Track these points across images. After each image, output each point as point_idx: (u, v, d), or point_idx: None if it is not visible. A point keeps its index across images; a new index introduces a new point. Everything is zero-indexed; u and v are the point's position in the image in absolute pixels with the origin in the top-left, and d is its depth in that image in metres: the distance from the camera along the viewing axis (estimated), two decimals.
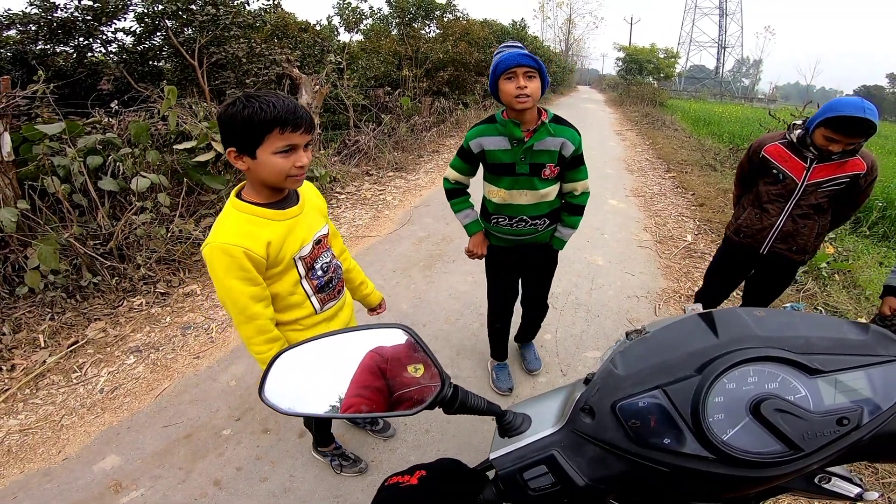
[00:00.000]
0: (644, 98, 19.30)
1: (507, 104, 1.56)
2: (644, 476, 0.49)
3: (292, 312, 1.26)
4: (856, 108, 1.70)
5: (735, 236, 2.23)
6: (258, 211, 1.13)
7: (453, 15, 12.34)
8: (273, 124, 1.01)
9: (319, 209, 1.32)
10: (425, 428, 2.05)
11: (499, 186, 1.74)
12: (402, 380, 0.57)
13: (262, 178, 1.10)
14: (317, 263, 1.27)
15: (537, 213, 1.77)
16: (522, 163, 1.66)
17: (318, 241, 1.27)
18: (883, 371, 0.48)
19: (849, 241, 4.85)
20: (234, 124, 1.02)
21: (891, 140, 16.48)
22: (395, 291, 3.19)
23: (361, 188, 5.43)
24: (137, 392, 2.26)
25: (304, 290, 1.25)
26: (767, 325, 0.52)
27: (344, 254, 1.53)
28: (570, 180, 1.76)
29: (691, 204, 5.53)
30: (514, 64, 1.48)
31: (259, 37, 6.55)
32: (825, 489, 0.55)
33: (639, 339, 0.55)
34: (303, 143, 1.08)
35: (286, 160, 1.06)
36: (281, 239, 1.15)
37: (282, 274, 1.20)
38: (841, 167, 1.89)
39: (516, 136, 1.60)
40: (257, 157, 1.05)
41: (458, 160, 1.82)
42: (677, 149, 9.09)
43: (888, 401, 0.47)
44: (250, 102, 1.01)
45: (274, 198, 1.16)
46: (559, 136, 1.63)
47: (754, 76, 66.40)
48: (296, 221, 1.19)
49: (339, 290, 1.38)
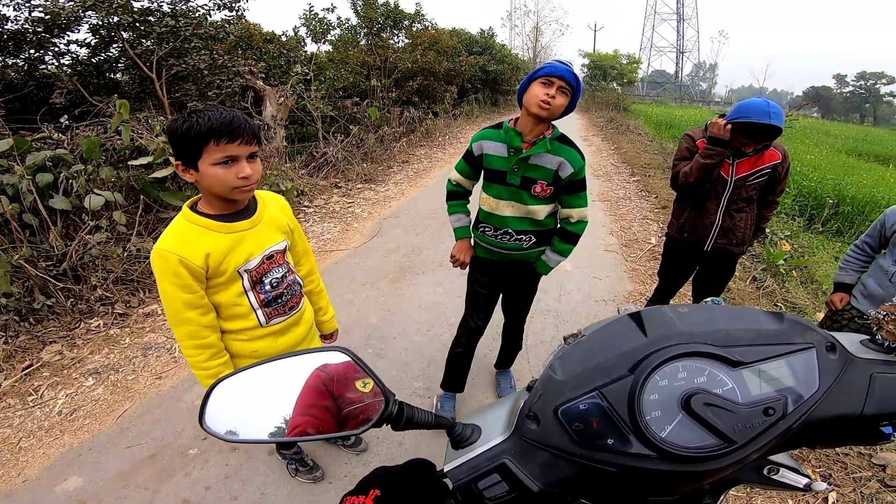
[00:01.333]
0: (609, 104, 19.90)
1: (526, 105, 1.52)
2: (594, 477, 0.49)
3: (236, 322, 1.28)
4: (762, 114, 1.81)
5: (679, 235, 2.33)
6: (203, 222, 1.16)
7: (422, 24, 12.43)
8: (208, 136, 1.04)
9: (279, 225, 1.32)
10: (398, 440, 2.04)
11: (489, 194, 1.72)
12: (348, 397, 0.56)
13: (209, 190, 1.13)
14: (266, 278, 1.28)
15: (521, 228, 1.70)
16: (514, 173, 1.62)
17: (269, 256, 1.28)
18: (801, 359, 0.50)
19: (804, 238, 5.08)
20: (176, 138, 1.06)
21: (839, 139, 17.48)
22: (365, 305, 3.16)
23: (330, 201, 5.37)
24: (98, 413, 2.20)
25: (248, 303, 1.27)
26: (690, 320, 0.53)
27: (312, 275, 1.54)
28: (567, 205, 1.69)
29: (654, 207, 5.71)
30: (557, 73, 1.45)
31: (222, 48, 6.43)
32: (775, 480, 0.56)
33: (575, 343, 0.55)
34: (244, 154, 1.10)
35: (227, 171, 1.08)
36: (223, 251, 1.17)
37: (225, 285, 1.22)
38: (760, 160, 2.03)
39: (515, 145, 1.58)
40: (200, 170, 1.08)
41: (461, 162, 1.81)
42: (641, 153, 9.39)
43: (810, 388, 0.49)
44: (189, 117, 1.05)
45: (225, 210, 1.19)
46: (558, 155, 1.57)
47: (711, 80, 69.39)
48: (244, 235, 1.21)
49: (291, 307, 1.37)
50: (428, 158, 8.09)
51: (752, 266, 3.99)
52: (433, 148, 9.04)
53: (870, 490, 1.86)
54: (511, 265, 1.86)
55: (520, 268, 1.86)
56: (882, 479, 1.91)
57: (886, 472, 1.94)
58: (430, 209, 4.95)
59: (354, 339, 2.78)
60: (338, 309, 3.03)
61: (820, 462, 2.01)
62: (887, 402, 0.50)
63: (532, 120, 1.53)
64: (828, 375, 0.50)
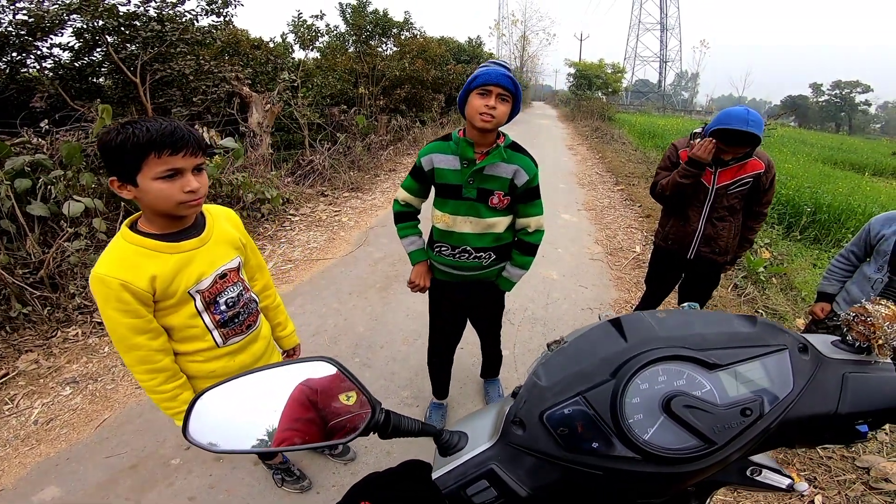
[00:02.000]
0: (594, 113, 20.15)
1: (469, 119, 1.47)
2: (581, 481, 0.50)
3: (191, 344, 1.22)
4: (741, 121, 1.85)
5: (664, 243, 2.38)
6: (147, 243, 1.08)
7: (410, 33, 12.51)
8: (147, 148, 0.97)
9: (230, 241, 1.26)
10: (387, 449, 2.03)
11: (443, 210, 1.62)
12: (334, 409, 0.57)
13: (152, 207, 1.05)
14: (220, 297, 1.22)
15: (481, 245, 1.63)
16: (470, 186, 1.54)
17: (222, 274, 1.22)
18: (775, 360, 0.51)
19: (783, 246, 5.20)
20: (110, 151, 0.98)
21: (816, 148, 17.97)
22: (352, 314, 3.15)
23: (316, 209, 5.34)
24: (76, 423, 2.16)
25: (203, 324, 1.20)
26: (667, 325, 0.55)
27: (268, 290, 1.48)
28: (523, 215, 1.63)
29: (639, 215, 5.80)
30: (493, 81, 1.39)
31: (208, 54, 6.38)
32: (758, 481, 0.57)
33: (558, 349, 0.56)
34: (190, 167, 1.03)
35: (171, 186, 1.01)
36: (171, 273, 1.10)
37: (176, 307, 1.15)
38: (742, 169, 2.06)
39: (468, 157, 1.50)
40: (139, 185, 1.00)
41: (409, 179, 1.69)
42: (625, 162, 9.53)
43: (784, 388, 0.50)
44: (124, 128, 0.97)
45: (170, 228, 1.12)
46: (513, 164, 1.52)
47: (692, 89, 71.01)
48: (193, 255, 1.14)
49: (248, 325, 1.32)
50: None
51: (733, 273, 4.06)
52: None
53: (855, 493, 1.88)
54: (472, 287, 1.77)
55: (481, 288, 1.78)
56: (866, 482, 1.93)
57: (870, 475, 1.96)
58: None
59: (341, 348, 2.76)
60: (324, 318, 3.06)
61: (804, 465, 2.03)
62: (861, 401, 0.52)
63: (478, 132, 1.48)
64: (801, 376, 0.51)
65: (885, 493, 1.89)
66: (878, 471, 1.97)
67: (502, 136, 1.56)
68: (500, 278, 1.75)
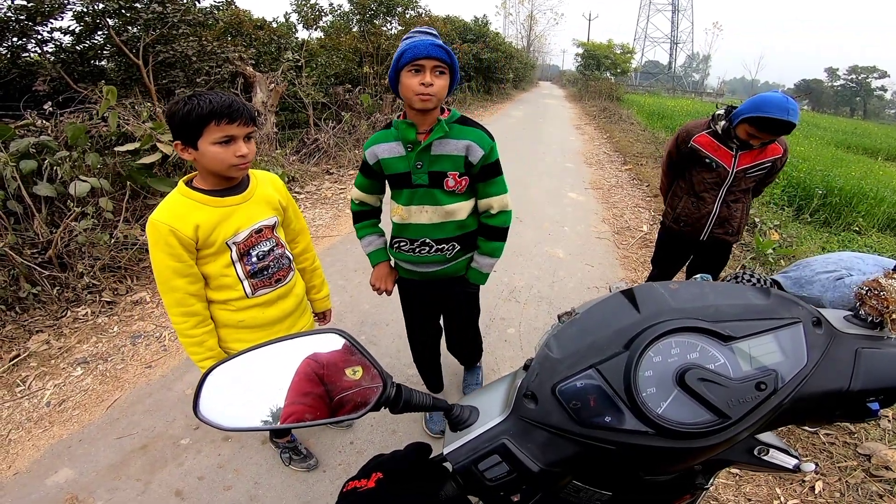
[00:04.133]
0: (602, 93, 19.86)
1: (406, 100, 1.34)
2: (594, 455, 0.49)
3: (223, 293, 1.34)
4: (781, 110, 1.74)
5: (675, 225, 2.33)
6: (196, 196, 1.23)
7: (415, 11, 12.31)
8: (209, 117, 1.12)
9: (270, 202, 1.37)
10: (392, 428, 2.04)
11: (398, 202, 1.49)
12: (341, 384, 0.56)
13: (207, 168, 1.20)
14: (253, 250, 1.33)
15: (442, 236, 1.49)
16: (419, 171, 1.40)
17: (258, 230, 1.33)
18: (789, 334, 0.50)
19: (792, 228, 5.13)
20: (177, 119, 1.14)
21: (829, 132, 17.60)
22: (357, 291, 3.16)
23: (321, 187, 5.33)
24: (87, 404, 2.18)
25: (235, 274, 1.32)
26: (681, 296, 0.53)
27: (307, 253, 1.58)
28: (483, 195, 1.48)
29: (646, 195, 5.73)
30: (422, 55, 1.24)
31: (211, 35, 6.32)
32: (765, 461, 0.56)
33: (570, 321, 0.55)
34: (242, 135, 1.19)
35: (226, 150, 1.17)
36: (213, 223, 1.23)
37: (214, 256, 1.28)
38: (763, 153, 2.03)
39: (410, 139, 1.37)
40: (199, 149, 1.16)
41: (359, 176, 1.57)
42: (633, 142, 9.39)
43: (798, 363, 0.49)
44: (190, 100, 1.13)
45: (220, 185, 1.26)
46: (463, 139, 1.38)
47: (703, 71, 69.54)
48: (234, 209, 1.27)
49: (278, 280, 1.41)
50: None
51: (741, 255, 4.03)
52: None
53: (855, 480, 1.87)
54: (440, 285, 1.64)
55: (450, 284, 1.64)
56: (867, 469, 1.93)
57: (872, 462, 1.95)
58: None
59: (347, 325, 2.78)
60: (331, 294, 3.04)
61: (806, 451, 2.03)
62: (873, 378, 0.50)
63: (418, 112, 1.35)
64: (815, 350, 0.50)
65: (886, 481, 1.88)
66: (880, 458, 1.96)
67: (447, 110, 1.42)
68: (469, 271, 1.61)
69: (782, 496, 1.82)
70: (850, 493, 1.83)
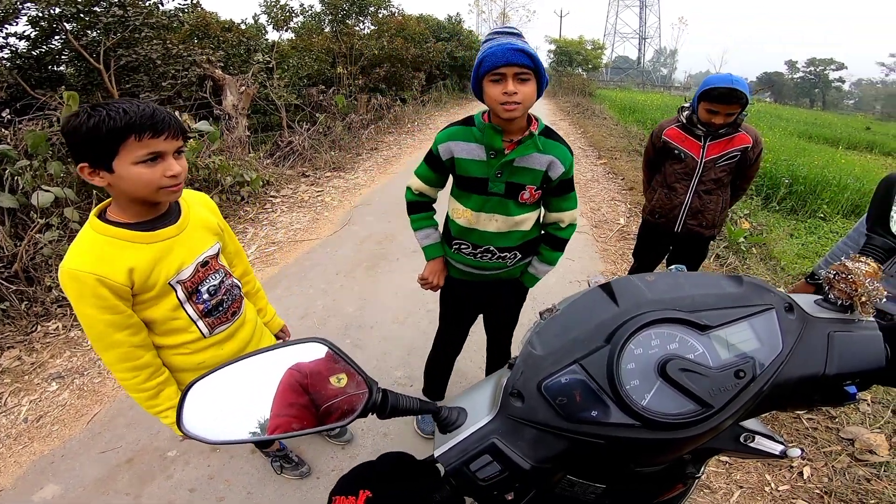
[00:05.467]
0: (575, 89, 20.15)
1: (491, 109, 1.27)
2: (583, 450, 0.49)
3: (175, 337, 1.16)
4: (724, 80, 1.91)
5: (651, 217, 2.40)
6: (120, 233, 1.00)
7: (388, 11, 12.25)
8: (127, 131, 0.91)
9: (208, 226, 1.19)
10: (383, 432, 2.03)
11: (466, 206, 1.42)
12: (326, 393, 0.55)
13: (128, 194, 0.98)
14: (202, 287, 1.16)
15: (507, 245, 1.45)
16: (498, 180, 1.34)
17: (203, 262, 1.15)
18: (763, 320, 0.51)
19: (762, 216, 5.31)
20: (81, 136, 0.90)
21: (791, 123, 18.24)
22: (340, 294, 3.12)
23: (298, 190, 5.24)
24: (66, 419, 2.12)
25: (186, 315, 1.14)
26: (657, 288, 0.54)
27: (247, 276, 1.43)
28: (556, 209, 1.44)
29: (622, 188, 5.84)
30: (502, 62, 1.16)
31: (176, 37, 6.15)
32: (752, 448, 0.57)
33: (551, 317, 0.55)
34: (171, 150, 0.98)
35: (153, 170, 0.95)
36: (150, 264, 1.03)
37: (156, 300, 1.09)
38: (730, 142, 2.08)
39: (496, 147, 1.30)
40: (115, 171, 0.93)
41: (423, 167, 1.48)
42: (607, 136, 9.56)
43: (774, 349, 0.49)
44: (96, 111, 0.91)
45: (144, 216, 1.04)
46: (548, 154, 1.32)
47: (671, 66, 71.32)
48: (172, 243, 1.07)
49: (233, 313, 1.27)
50: (397, 145, 8.00)
51: (715, 244, 4.14)
52: (402, 134, 8.95)
53: (841, 464, 1.90)
54: (492, 286, 1.61)
55: (503, 286, 1.62)
56: (852, 454, 1.96)
57: (855, 447, 1.98)
58: (401, 196, 4.80)
59: (331, 329, 2.74)
60: (312, 300, 3.03)
61: (791, 436, 2.07)
62: (847, 362, 0.51)
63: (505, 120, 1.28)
64: (789, 336, 0.51)
65: (871, 465, 1.90)
66: (863, 442, 1.99)
67: (535, 120, 1.33)
68: (525, 275, 1.58)
69: (772, 482, 1.86)
70: (838, 478, 1.86)
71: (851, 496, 1.78)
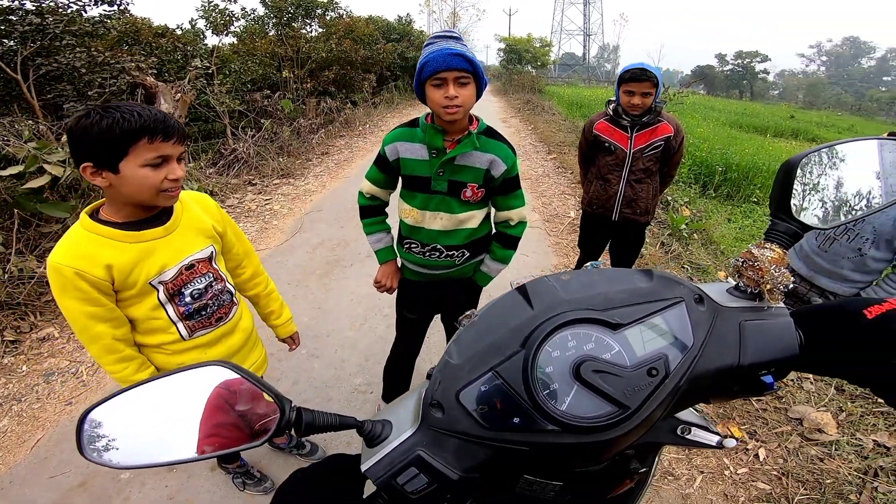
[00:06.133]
0: (525, 86, 20.51)
1: (434, 111, 1.32)
2: (510, 458, 0.48)
3: (155, 336, 1.18)
4: (636, 64, 2.10)
5: (590, 208, 2.51)
6: (104, 231, 1.04)
7: (336, 13, 12.01)
8: (140, 133, 0.95)
9: (202, 229, 1.19)
10: (347, 440, 2.00)
11: (412, 205, 1.47)
12: (250, 411, 0.54)
13: (127, 195, 1.02)
14: (186, 289, 1.16)
15: (453, 243, 1.49)
16: (440, 178, 1.39)
17: (189, 265, 1.16)
18: (674, 314, 0.50)
19: (700, 203, 5.62)
20: (92, 136, 0.93)
21: (723, 113, 19.43)
22: (294, 304, 3.03)
23: (244, 199, 5.06)
24: (8, 446, 2.03)
25: (166, 316, 1.16)
26: (571, 287, 0.53)
27: (258, 277, 1.44)
28: (504, 207, 1.49)
29: (571, 182, 6.02)
30: (442, 68, 1.20)
31: (102, 45, 5.76)
32: (689, 440, 0.57)
33: (469, 324, 0.54)
34: (176, 155, 1.03)
35: (157, 173, 1.00)
36: (129, 263, 1.06)
37: (137, 298, 1.11)
38: (654, 132, 2.22)
39: (437, 146, 1.35)
40: (121, 172, 0.97)
41: (374, 169, 1.52)
42: (556, 131, 9.82)
43: (686, 344, 0.48)
44: (109, 113, 0.94)
45: (135, 216, 1.08)
46: (488, 152, 1.37)
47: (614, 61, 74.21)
48: (156, 244, 1.09)
49: (219, 318, 1.25)
50: (349, 149, 7.87)
51: (659, 232, 4.34)
52: (353, 138, 8.82)
53: (793, 445, 1.98)
54: (445, 285, 1.64)
55: (455, 285, 1.64)
56: (801, 433, 2.04)
57: (804, 426, 2.06)
58: (353, 200, 4.73)
59: None
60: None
61: (743, 419, 2.14)
62: (759, 351, 0.50)
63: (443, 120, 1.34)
64: (700, 328, 0.50)
65: (822, 444, 1.96)
66: (811, 421, 2.05)
67: (475, 120, 1.40)
68: (477, 273, 1.62)
69: (731, 466, 1.94)
70: (792, 459, 1.92)
71: (807, 476, 1.84)
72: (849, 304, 0.49)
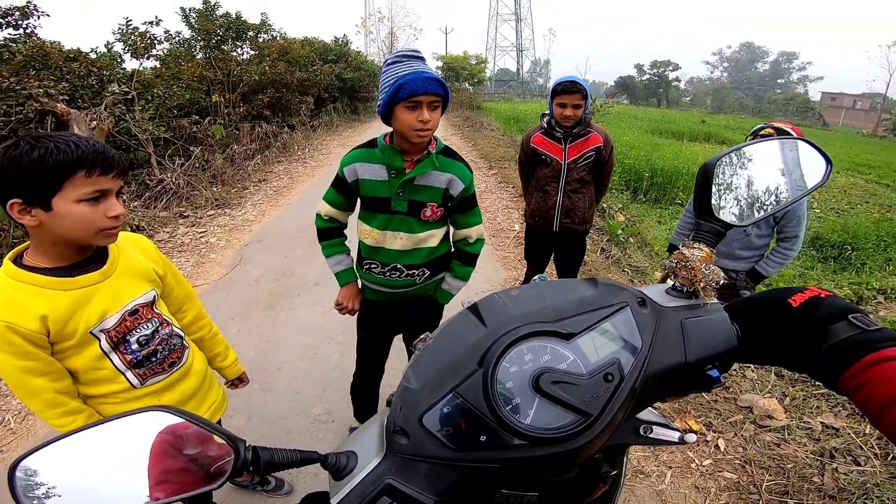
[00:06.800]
0: (463, 103, 21.03)
1: (400, 133, 1.32)
2: (482, 476, 0.49)
3: (101, 387, 1.08)
4: (567, 77, 2.23)
5: (532, 220, 2.61)
6: (32, 279, 0.94)
7: (269, 35, 11.74)
8: (77, 166, 0.86)
9: (142, 272, 1.11)
10: (313, 472, 1.92)
11: (371, 225, 1.47)
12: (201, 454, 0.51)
13: (60, 235, 0.92)
14: (131, 336, 1.08)
15: (413, 262, 1.50)
16: (400, 199, 1.41)
17: (133, 311, 1.07)
18: (621, 319, 0.52)
19: (633, 209, 5.98)
20: (19, 169, 0.83)
21: (645, 121, 20.90)
22: (239, 339, 2.88)
23: (176, 233, 4.75)
24: None
25: (112, 365, 1.06)
26: (521, 301, 0.54)
27: (201, 321, 1.36)
28: (462, 225, 1.53)
29: (513, 196, 6.21)
30: (420, 91, 1.22)
31: (7, 70, 5.28)
32: (652, 438, 0.59)
33: (424, 347, 0.54)
34: (115, 189, 0.94)
35: (94, 210, 0.90)
36: (66, 312, 0.96)
37: (76, 349, 1.01)
38: (585, 143, 2.35)
39: (395, 166, 1.37)
40: (54, 209, 0.87)
41: (332, 191, 1.52)
42: (495, 147, 10.13)
43: (635, 347, 0.50)
44: (41, 143, 0.85)
45: (66, 260, 0.97)
46: (447, 172, 1.40)
47: (546, 75, 78.08)
48: (94, 290, 1.00)
49: (172, 363, 1.18)
50: (288, 174, 7.65)
51: (599, 239, 4.56)
52: (293, 163, 8.59)
53: (748, 433, 2.05)
54: (406, 303, 1.64)
55: (415, 304, 1.66)
56: (754, 420, 2.11)
57: (754, 413, 2.14)
58: (295, 227, 4.68)
59: None
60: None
61: (699, 412, 2.21)
62: (702, 347, 0.52)
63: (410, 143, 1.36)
64: (646, 331, 0.52)
65: (775, 430, 2.03)
66: (760, 409, 2.13)
67: (434, 140, 1.42)
68: (439, 291, 1.64)
69: (696, 459, 2.01)
70: (751, 446, 1.99)
71: (769, 462, 1.93)
72: (775, 294, 0.53)
